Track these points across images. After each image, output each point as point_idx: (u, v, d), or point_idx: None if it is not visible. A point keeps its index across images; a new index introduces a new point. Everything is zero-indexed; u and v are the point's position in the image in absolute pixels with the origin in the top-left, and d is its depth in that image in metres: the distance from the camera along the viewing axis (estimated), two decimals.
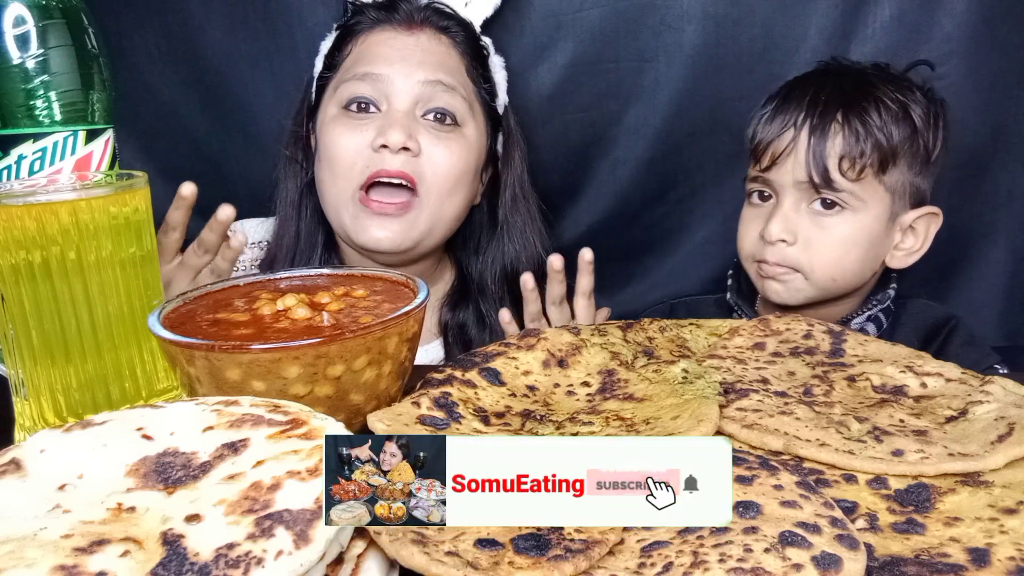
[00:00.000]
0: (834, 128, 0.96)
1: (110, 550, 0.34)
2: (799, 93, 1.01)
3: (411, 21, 1.03)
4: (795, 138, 0.98)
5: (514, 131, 1.12)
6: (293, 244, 1.09)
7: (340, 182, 1.01)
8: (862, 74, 1.02)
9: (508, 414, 0.58)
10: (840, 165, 0.96)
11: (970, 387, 0.59)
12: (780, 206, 1.00)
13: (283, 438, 0.42)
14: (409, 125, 0.98)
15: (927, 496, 0.46)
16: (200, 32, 1.25)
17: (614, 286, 1.35)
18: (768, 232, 1.00)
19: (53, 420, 0.61)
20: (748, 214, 1.07)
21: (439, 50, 1.03)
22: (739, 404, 0.56)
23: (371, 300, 0.62)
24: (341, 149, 1.00)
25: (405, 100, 0.99)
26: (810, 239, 0.99)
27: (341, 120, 1.01)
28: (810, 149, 0.96)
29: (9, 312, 0.59)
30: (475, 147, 1.04)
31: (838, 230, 0.98)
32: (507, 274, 1.12)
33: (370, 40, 1.03)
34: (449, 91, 1.01)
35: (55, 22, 0.66)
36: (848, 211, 0.98)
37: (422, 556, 0.38)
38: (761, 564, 0.38)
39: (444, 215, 1.03)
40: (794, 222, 0.99)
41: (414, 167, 0.99)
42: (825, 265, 0.99)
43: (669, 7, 1.18)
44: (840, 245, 0.99)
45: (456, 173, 1.01)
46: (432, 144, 1.00)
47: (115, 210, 0.60)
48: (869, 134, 0.95)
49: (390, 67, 1.00)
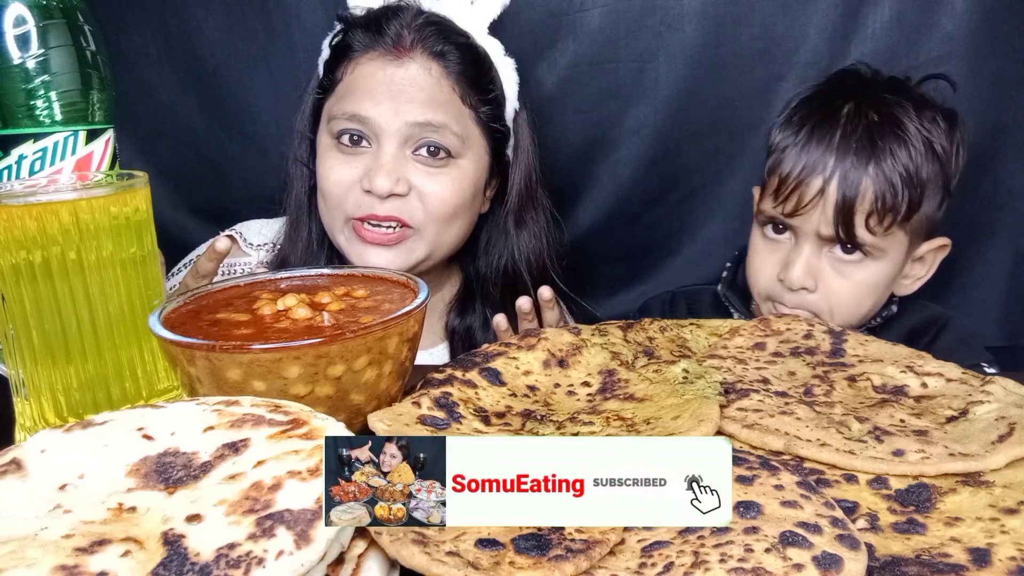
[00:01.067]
0: (865, 183, 0.92)
1: (111, 550, 0.34)
2: (825, 131, 0.95)
3: (400, 47, 0.99)
4: (823, 189, 0.93)
5: (523, 135, 1.10)
6: (306, 244, 1.09)
7: (333, 211, 1.01)
8: (886, 103, 0.97)
9: (509, 414, 0.58)
10: (868, 222, 0.93)
11: (971, 387, 0.59)
12: (801, 250, 0.97)
13: (284, 438, 0.42)
14: (397, 168, 0.97)
15: (928, 496, 0.46)
16: (198, 32, 1.25)
17: (614, 286, 1.36)
18: (790, 280, 0.97)
19: (54, 420, 0.61)
20: (762, 246, 1.03)
21: (428, 83, 0.98)
22: (740, 404, 0.56)
23: (372, 300, 0.62)
24: (332, 183, 1.00)
25: (393, 142, 0.97)
26: (831, 287, 0.97)
27: (333, 152, 1.00)
28: (840, 206, 0.92)
29: (9, 312, 0.59)
30: (471, 175, 1.02)
31: (859, 277, 0.97)
32: (512, 277, 1.11)
33: (359, 71, 1.00)
34: (439, 130, 0.98)
35: (55, 22, 0.66)
36: (869, 259, 0.96)
37: (423, 556, 0.38)
38: (762, 564, 0.38)
39: (443, 242, 1.03)
40: (816, 268, 0.97)
41: (405, 208, 0.98)
42: (844, 310, 0.98)
43: (669, 7, 1.18)
44: (860, 292, 0.97)
45: (450, 207, 1.00)
46: (424, 180, 0.98)
47: (115, 210, 0.60)
48: (900, 189, 0.92)
49: (377, 108, 0.97)
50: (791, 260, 0.98)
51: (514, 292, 1.08)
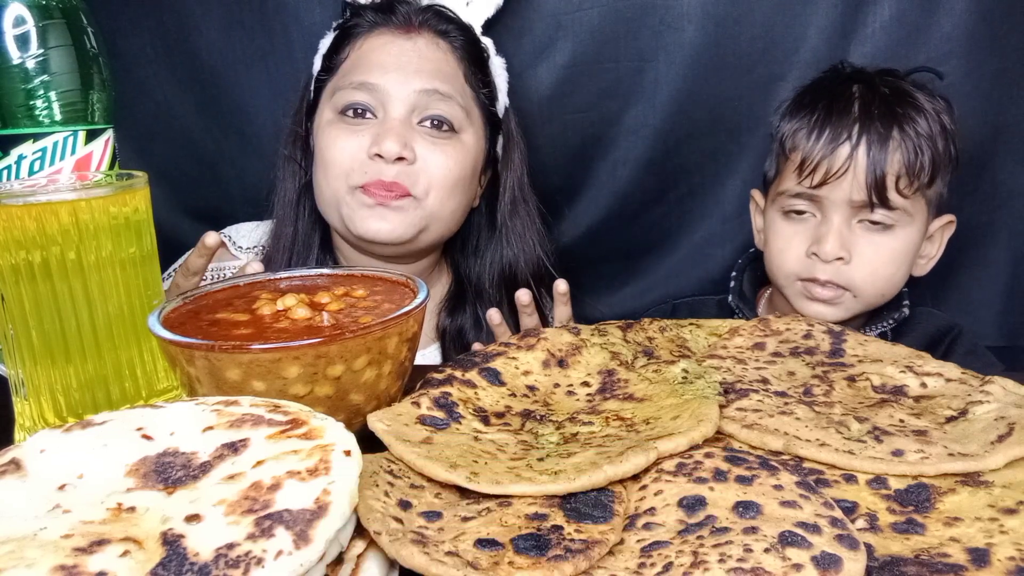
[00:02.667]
0: (892, 145, 0.94)
1: (110, 550, 0.34)
2: (843, 105, 0.98)
3: (409, 24, 1.02)
4: (852, 155, 0.95)
5: (514, 133, 1.12)
6: (290, 244, 1.09)
7: (335, 183, 1.01)
8: (893, 79, 1.00)
9: (508, 414, 0.58)
10: (897, 184, 0.95)
11: (970, 387, 0.59)
12: (831, 222, 0.98)
13: (283, 438, 0.42)
14: (404, 134, 0.98)
15: (927, 496, 0.46)
16: (196, 32, 1.25)
17: (613, 285, 1.36)
18: (825, 251, 0.97)
19: (53, 420, 0.61)
20: (787, 231, 1.03)
21: (436, 56, 1.02)
22: (739, 404, 0.56)
23: (371, 300, 0.62)
24: (336, 152, 1.00)
25: (401, 109, 0.99)
26: (865, 256, 0.98)
27: (337, 125, 1.01)
28: (870, 168, 0.94)
29: (9, 312, 0.59)
30: (472, 152, 1.04)
31: (889, 246, 0.98)
32: (505, 277, 1.11)
33: (367, 45, 1.02)
34: (445, 99, 1.00)
35: (55, 22, 0.66)
36: (897, 227, 0.97)
37: (422, 556, 0.38)
38: (761, 564, 0.38)
39: (442, 215, 1.03)
40: (848, 239, 0.98)
41: (409, 176, 0.98)
42: (878, 282, 0.99)
43: (669, 7, 1.18)
44: (892, 261, 0.98)
45: (453, 178, 1.01)
46: (428, 151, 0.99)
47: (115, 210, 0.60)
48: (924, 149, 0.94)
49: (385, 76, 0.99)
50: (822, 234, 0.98)
51: (504, 292, 1.09)
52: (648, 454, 0.47)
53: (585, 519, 0.43)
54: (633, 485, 0.47)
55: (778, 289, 1.08)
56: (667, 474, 0.47)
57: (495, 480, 0.46)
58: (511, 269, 1.11)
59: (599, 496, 0.45)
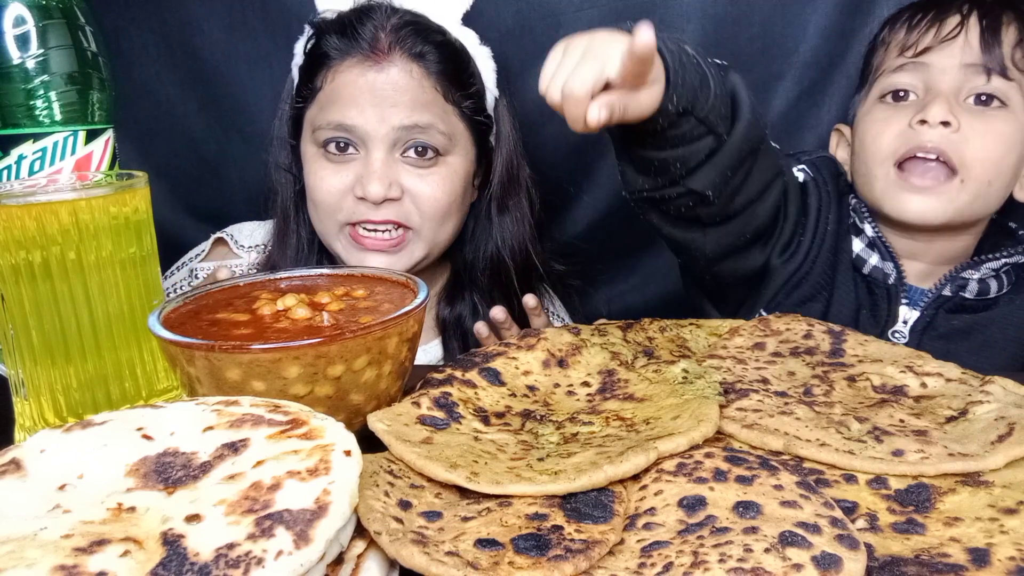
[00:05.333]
0: (1007, 18, 0.90)
1: (110, 550, 0.34)
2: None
3: (377, 50, 0.97)
4: (963, 22, 0.89)
5: (504, 121, 1.10)
6: (296, 250, 1.09)
7: (327, 220, 1.01)
8: None
9: (508, 414, 0.58)
10: (1014, 54, 0.89)
11: (970, 387, 0.59)
12: (938, 91, 0.90)
13: (283, 438, 0.42)
14: (388, 174, 0.97)
15: (927, 496, 0.46)
16: (198, 31, 1.25)
17: (612, 281, 1.36)
18: (931, 114, 0.89)
19: (53, 420, 0.61)
20: (883, 114, 0.95)
21: (411, 86, 0.98)
22: (739, 404, 0.56)
23: (371, 300, 0.62)
24: (324, 192, 1.00)
25: (381, 147, 0.97)
26: (975, 129, 0.89)
27: (320, 162, 1.00)
28: (984, 31, 0.88)
29: (9, 312, 0.59)
30: (460, 171, 1.03)
31: (999, 124, 0.90)
32: (498, 263, 1.11)
33: (339, 79, 0.99)
34: (426, 130, 0.98)
35: (55, 22, 0.66)
36: (1007, 109, 0.90)
37: (422, 556, 0.38)
38: (761, 564, 0.38)
39: (440, 240, 1.04)
40: (956, 108, 0.89)
41: (400, 211, 0.99)
42: (986, 162, 0.89)
43: (669, 7, 1.18)
44: (1003, 142, 0.90)
45: (444, 205, 1.01)
46: (415, 183, 0.99)
47: (115, 210, 0.60)
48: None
49: (362, 115, 0.97)
50: (927, 102, 0.91)
51: (500, 278, 1.09)
52: (648, 454, 0.47)
53: (585, 519, 0.43)
54: (633, 485, 0.47)
55: (867, 194, 0.98)
56: (667, 474, 0.47)
57: (495, 480, 0.46)
58: (503, 255, 1.11)
59: (599, 496, 0.45)
